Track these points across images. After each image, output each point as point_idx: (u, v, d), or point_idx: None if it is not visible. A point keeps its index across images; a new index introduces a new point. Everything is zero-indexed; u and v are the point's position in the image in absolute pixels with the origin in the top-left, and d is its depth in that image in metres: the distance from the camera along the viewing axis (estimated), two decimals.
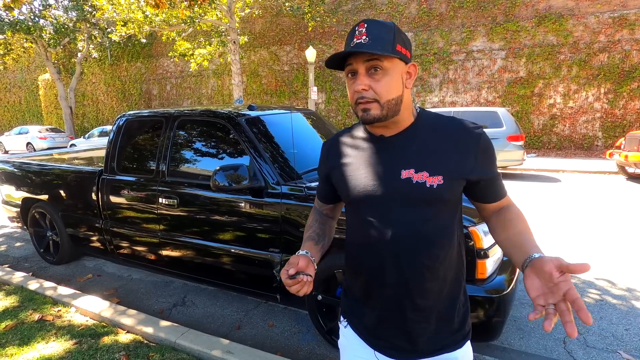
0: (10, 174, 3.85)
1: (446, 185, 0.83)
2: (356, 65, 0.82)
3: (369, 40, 0.79)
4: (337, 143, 1.00)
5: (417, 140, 0.87)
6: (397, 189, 0.85)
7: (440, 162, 0.84)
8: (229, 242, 2.46)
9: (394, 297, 0.87)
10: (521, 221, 0.86)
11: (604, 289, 2.96)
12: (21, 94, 25.45)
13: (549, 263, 0.66)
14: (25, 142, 17.32)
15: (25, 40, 17.60)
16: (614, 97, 11.48)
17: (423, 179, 0.83)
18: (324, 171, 1.03)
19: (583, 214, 5.09)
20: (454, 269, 0.90)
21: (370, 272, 0.90)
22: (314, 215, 1.10)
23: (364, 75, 0.82)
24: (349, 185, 0.91)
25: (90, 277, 3.43)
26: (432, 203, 0.84)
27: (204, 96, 18.62)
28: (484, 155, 0.86)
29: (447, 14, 13.21)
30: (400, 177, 0.85)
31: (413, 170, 0.84)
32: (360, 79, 0.82)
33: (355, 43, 0.80)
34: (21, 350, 2.16)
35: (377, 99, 0.82)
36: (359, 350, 0.96)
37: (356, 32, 0.81)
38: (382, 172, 0.87)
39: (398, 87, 0.83)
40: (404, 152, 0.86)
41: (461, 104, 13.44)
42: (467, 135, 0.86)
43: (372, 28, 0.80)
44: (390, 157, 0.87)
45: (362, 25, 0.80)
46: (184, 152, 2.72)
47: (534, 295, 0.67)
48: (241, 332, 2.48)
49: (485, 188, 0.89)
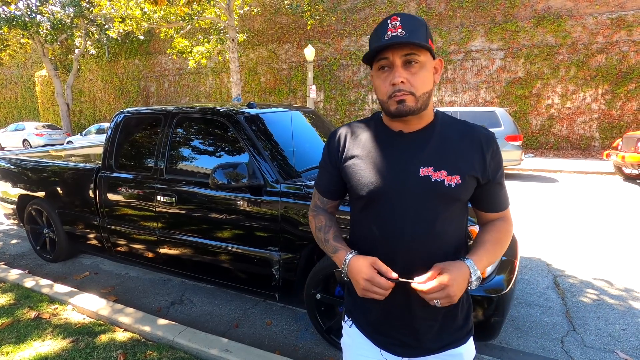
0: (7, 171, 3.82)
1: (464, 185, 0.84)
2: (393, 58, 0.81)
3: (406, 33, 0.78)
4: (351, 134, 0.96)
5: (436, 139, 0.87)
6: (415, 186, 0.84)
7: (458, 162, 0.85)
8: (228, 241, 2.45)
9: (403, 294, 0.87)
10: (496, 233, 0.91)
11: (602, 289, 2.97)
12: (17, 90, 25.26)
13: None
14: (22, 139, 17.17)
15: (22, 36, 17.43)
16: (611, 98, 11.53)
17: (442, 177, 0.83)
18: (335, 161, 0.96)
19: (580, 215, 5.11)
20: None
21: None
22: (322, 215, 1.02)
23: (401, 68, 0.81)
24: (365, 179, 0.89)
25: (87, 274, 3.41)
26: (449, 202, 0.85)
27: (202, 94, 18.55)
28: (494, 159, 0.88)
29: (446, 13, 13.22)
30: (419, 174, 0.85)
31: (432, 168, 0.84)
32: (399, 72, 0.81)
33: (391, 36, 0.79)
34: (17, 349, 2.14)
35: (414, 92, 0.81)
36: (364, 349, 0.96)
37: (389, 25, 0.80)
38: (401, 169, 0.86)
39: (430, 81, 0.84)
40: (423, 149, 0.86)
41: (459, 104, 13.46)
42: (481, 138, 0.87)
43: (406, 21, 0.79)
44: (409, 153, 0.87)
45: (396, 18, 0.80)
46: (182, 149, 2.70)
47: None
48: (239, 330, 2.47)
49: (490, 194, 0.90)
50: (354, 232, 0.97)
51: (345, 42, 14.87)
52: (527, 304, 2.74)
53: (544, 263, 3.49)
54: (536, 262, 3.50)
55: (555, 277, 3.19)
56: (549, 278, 3.17)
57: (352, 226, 0.98)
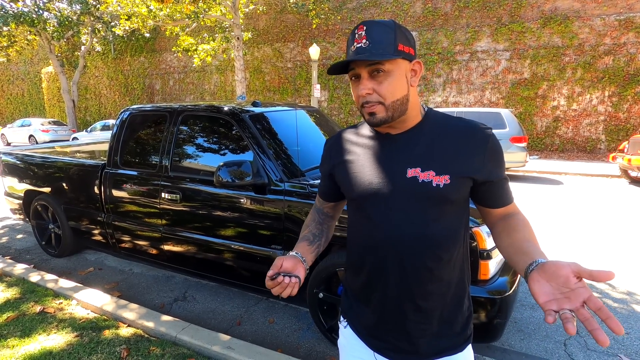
0: (13, 166, 3.86)
1: (453, 185, 0.81)
2: (359, 69, 0.81)
3: (369, 44, 0.78)
4: (341, 140, 0.99)
5: (424, 139, 0.86)
6: (402, 188, 0.83)
7: (447, 162, 0.82)
8: (231, 238, 2.46)
9: (396, 298, 0.86)
10: (527, 229, 0.83)
11: (605, 292, 2.95)
12: (24, 86, 25.47)
13: (565, 267, 0.62)
14: (28, 135, 17.34)
15: (29, 33, 17.57)
16: (618, 100, 11.43)
17: (429, 178, 0.82)
18: (326, 168, 1.02)
19: (585, 217, 5.08)
20: (459, 272, 0.89)
21: (372, 271, 0.89)
22: (312, 214, 1.08)
23: (367, 79, 0.81)
24: (353, 182, 0.90)
25: (91, 270, 3.43)
26: (438, 203, 0.82)
27: (207, 92, 18.60)
28: (492, 157, 0.84)
29: (452, 13, 13.16)
30: (406, 175, 0.84)
31: (419, 169, 0.83)
32: (364, 84, 0.81)
33: (356, 47, 0.80)
34: (22, 342, 2.16)
35: (382, 102, 0.81)
36: (358, 351, 0.95)
37: (356, 35, 0.80)
38: (388, 170, 0.86)
39: (403, 87, 0.82)
40: (411, 150, 0.85)
41: (464, 105, 13.40)
42: (475, 135, 0.84)
43: (371, 31, 0.78)
44: (396, 155, 0.86)
45: (362, 28, 0.79)
46: (187, 147, 2.72)
47: (544, 300, 0.63)
48: (241, 328, 2.49)
49: (491, 191, 0.87)
50: (349, 235, 0.97)
51: None
52: (530, 306, 2.73)
53: None
54: None
55: None
56: None
57: (348, 229, 0.98)
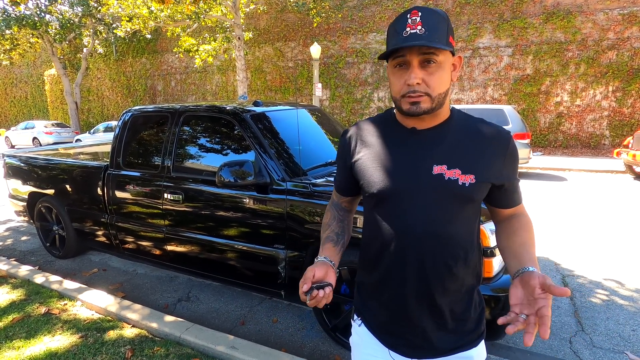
0: (17, 169, 3.88)
1: (477, 185, 0.81)
2: (409, 57, 0.77)
3: (425, 31, 0.74)
4: (360, 132, 0.95)
5: (450, 137, 0.85)
6: (427, 185, 0.82)
7: (472, 161, 0.82)
8: (234, 238, 2.46)
9: (413, 295, 0.86)
10: (527, 232, 0.87)
11: (612, 289, 2.93)
12: (27, 89, 25.61)
13: (535, 279, 0.70)
14: (32, 137, 17.43)
15: (32, 36, 17.65)
16: (622, 95, 11.34)
17: (455, 176, 0.81)
18: (345, 161, 0.97)
19: (589, 213, 5.05)
20: (473, 269, 0.89)
21: (390, 268, 0.88)
22: (331, 211, 1.05)
23: (418, 68, 0.78)
24: (374, 177, 0.87)
25: (95, 271, 3.45)
26: (461, 202, 0.82)
27: (209, 92, 18.62)
28: (510, 160, 0.86)
29: (454, 10, 13.09)
30: (431, 172, 0.82)
31: (445, 166, 0.82)
32: (415, 72, 0.77)
33: (410, 33, 0.75)
34: (28, 343, 2.17)
35: (429, 93, 0.78)
36: (372, 348, 0.95)
37: (409, 20, 0.76)
38: (412, 166, 0.84)
39: (447, 81, 0.81)
40: (437, 147, 0.84)
41: (467, 102, 13.34)
42: (498, 138, 0.85)
43: (428, 17, 0.75)
44: (422, 151, 0.84)
45: (416, 13, 0.75)
46: (189, 147, 2.72)
47: (513, 303, 0.72)
48: (245, 327, 2.49)
49: (504, 193, 0.89)
50: (366, 231, 0.96)
51: (351, 40, 14.81)
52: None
53: (552, 262, 3.45)
54: (544, 262, 3.46)
55: (564, 276, 3.16)
56: (558, 278, 3.13)
57: (364, 225, 0.96)
